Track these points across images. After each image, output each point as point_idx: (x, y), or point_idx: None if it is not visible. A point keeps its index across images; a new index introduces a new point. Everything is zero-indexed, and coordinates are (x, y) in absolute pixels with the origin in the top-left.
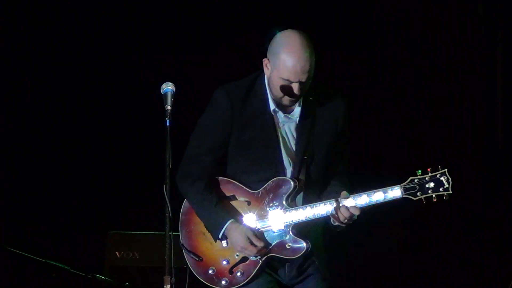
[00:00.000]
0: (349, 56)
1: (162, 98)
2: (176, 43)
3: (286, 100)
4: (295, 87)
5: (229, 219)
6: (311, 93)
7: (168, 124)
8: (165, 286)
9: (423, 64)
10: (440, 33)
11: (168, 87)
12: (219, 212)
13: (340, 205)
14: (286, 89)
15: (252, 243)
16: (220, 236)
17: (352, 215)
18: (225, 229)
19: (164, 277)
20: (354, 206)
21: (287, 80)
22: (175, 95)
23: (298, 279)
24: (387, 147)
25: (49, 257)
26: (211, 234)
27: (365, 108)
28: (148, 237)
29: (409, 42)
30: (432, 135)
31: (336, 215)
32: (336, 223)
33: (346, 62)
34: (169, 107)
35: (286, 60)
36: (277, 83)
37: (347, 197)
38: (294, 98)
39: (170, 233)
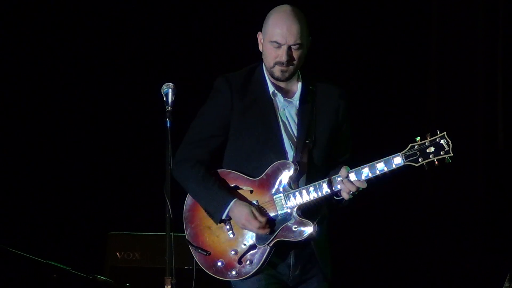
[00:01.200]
0: (349, 55)
1: (163, 98)
2: (177, 43)
3: (277, 70)
4: (284, 51)
5: (233, 199)
6: (311, 83)
7: (168, 125)
8: (165, 287)
9: (423, 64)
10: (441, 34)
11: (168, 88)
12: (222, 192)
13: (346, 178)
14: (276, 55)
15: (255, 217)
16: (224, 216)
17: (357, 188)
18: (229, 208)
19: (164, 277)
20: (360, 180)
21: (275, 42)
22: (175, 95)
23: (301, 279)
24: (386, 146)
25: (49, 258)
26: (212, 217)
27: (365, 106)
28: (149, 238)
29: (409, 42)
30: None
31: (339, 188)
32: (340, 197)
33: (346, 61)
34: (169, 108)
35: (273, 22)
36: (268, 50)
37: (349, 172)
38: (285, 66)
39: (170, 234)
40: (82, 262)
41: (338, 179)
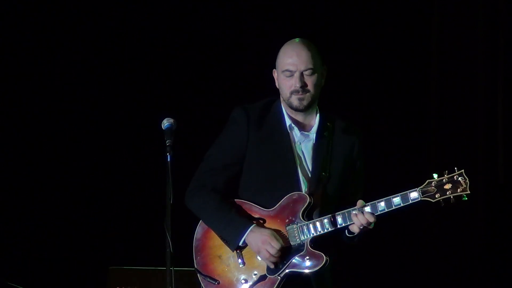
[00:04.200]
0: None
1: (163, 133)
2: (177, 77)
3: (294, 99)
4: (297, 78)
5: (252, 224)
6: (329, 117)
7: (169, 159)
8: None
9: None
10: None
11: (169, 123)
12: (239, 219)
13: (358, 211)
14: (290, 84)
15: (270, 243)
16: (240, 242)
17: (368, 222)
18: (247, 234)
19: None
20: (370, 213)
21: (287, 71)
22: (175, 130)
23: None
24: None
25: None
26: (228, 243)
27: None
28: (149, 273)
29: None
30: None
31: (353, 222)
32: (351, 235)
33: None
34: (170, 143)
35: (284, 53)
36: (282, 81)
37: (365, 205)
38: (301, 94)
39: (171, 268)
40: None
41: (353, 212)
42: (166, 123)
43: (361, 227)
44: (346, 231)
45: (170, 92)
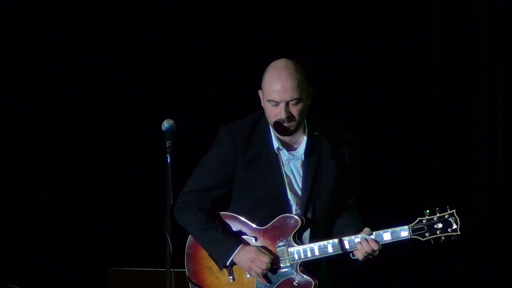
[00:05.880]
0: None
1: (163, 134)
2: (178, 78)
3: (279, 127)
4: (282, 109)
5: (239, 245)
6: (317, 128)
7: (169, 160)
8: None
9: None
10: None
11: (169, 124)
12: (226, 239)
13: (362, 239)
14: (275, 113)
15: (261, 256)
16: (228, 263)
17: (372, 249)
18: (234, 255)
19: None
20: (374, 240)
21: (272, 101)
22: (176, 131)
23: None
24: (386, 181)
25: None
26: (216, 263)
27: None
28: (149, 274)
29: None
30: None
31: (357, 249)
32: (355, 257)
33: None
34: (170, 144)
35: (269, 80)
36: (267, 108)
37: (370, 233)
38: (287, 123)
39: (171, 270)
40: None
41: (355, 239)
42: (166, 124)
43: (366, 254)
44: (351, 254)
45: (170, 94)
